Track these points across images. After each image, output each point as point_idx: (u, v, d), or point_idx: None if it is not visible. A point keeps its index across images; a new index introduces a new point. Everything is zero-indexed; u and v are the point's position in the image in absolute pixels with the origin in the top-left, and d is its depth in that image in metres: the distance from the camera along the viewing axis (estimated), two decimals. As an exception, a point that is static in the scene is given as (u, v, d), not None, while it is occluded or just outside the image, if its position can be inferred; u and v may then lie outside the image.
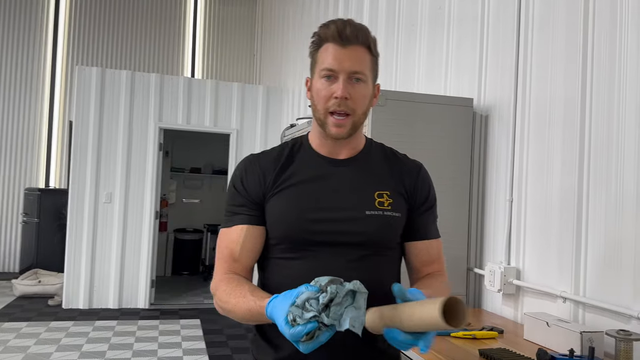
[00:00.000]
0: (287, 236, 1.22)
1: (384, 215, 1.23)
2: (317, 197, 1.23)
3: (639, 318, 1.59)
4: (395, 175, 1.28)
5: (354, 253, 1.21)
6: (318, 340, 0.93)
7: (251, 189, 1.24)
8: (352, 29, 1.18)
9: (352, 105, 1.17)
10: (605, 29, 1.83)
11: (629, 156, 1.70)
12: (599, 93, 1.84)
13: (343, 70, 1.16)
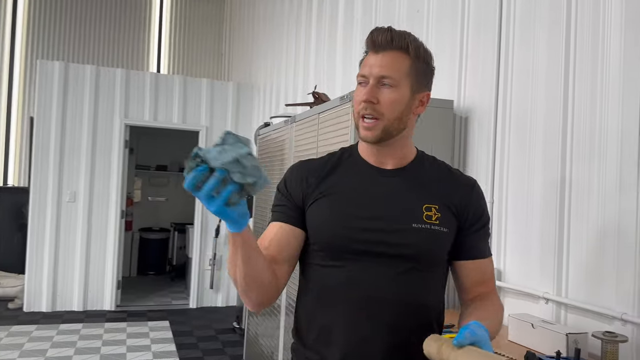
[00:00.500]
0: (329, 243, 1.22)
1: (431, 229, 1.20)
2: (362, 205, 1.23)
3: (622, 319, 1.62)
4: (445, 190, 1.25)
5: (397, 266, 1.20)
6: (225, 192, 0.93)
7: (293, 191, 1.27)
8: (387, 35, 1.19)
9: (379, 109, 1.18)
10: (587, 32, 1.86)
11: (611, 159, 1.73)
12: (580, 96, 1.87)
13: (372, 75, 1.19)
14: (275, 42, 5.73)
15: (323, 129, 2.58)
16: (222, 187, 0.92)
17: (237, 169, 0.91)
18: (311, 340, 1.26)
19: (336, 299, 1.22)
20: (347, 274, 1.21)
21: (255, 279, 1.12)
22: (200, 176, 0.92)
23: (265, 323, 3.52)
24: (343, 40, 3.93)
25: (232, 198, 0.93)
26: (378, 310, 1.18)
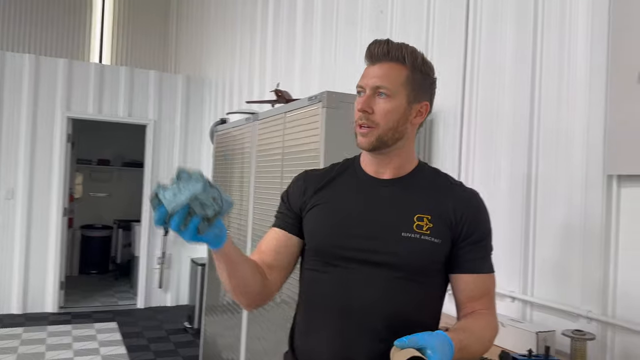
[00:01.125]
0: (318, 248, 1.26)
1: (421, 239, 1.20)
2: (353, 212, 1.25)
3: (588, 317, 1.71)
4: (441, 201, 1.25)
5: (384, 274, 1.20)
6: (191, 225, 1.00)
7: (292, 200, 1.33)
8: (383, 47, 1.22)
9: (374, 118, 1.21)
10: (554, 30, 1.93)
11: (577, 161, 1.81)
12: (547, 93, 1.94)
13: (368, 85, 1.22)
14: (228, 36, 5.61)
15: (290, 128, 2.56)
16: (188, 221, 0.99)
17: (196, 205, 0.98)
18: (300, 346, 1.29)
19: (323, 305, 1.24)
20: (334, 280, 1.23)
21: (243, 287, 1.18)
22: (163, 216, 0.99)
23: (224, 322, 3.47)
24: (302, 39, 3.90)
25: (200, 228, 1.00)
26: (362, 317, 1.20)
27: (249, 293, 1.21)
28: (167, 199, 0.98)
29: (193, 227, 0.99)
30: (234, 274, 1.16)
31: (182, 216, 0.98)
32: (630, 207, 1.63)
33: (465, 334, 1.13)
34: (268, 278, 1.24)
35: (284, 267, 1.29)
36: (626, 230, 1.64)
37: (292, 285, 2.41)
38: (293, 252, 1.31)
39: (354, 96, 2.27)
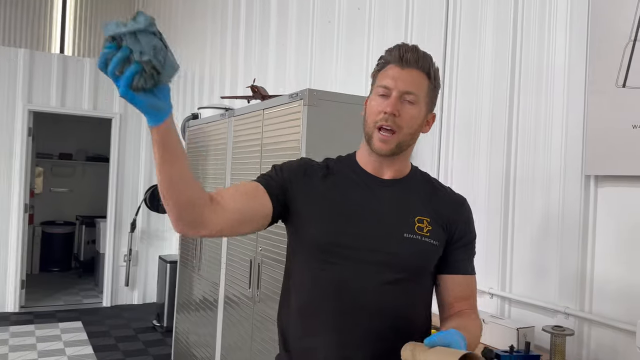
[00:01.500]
0: (319, 244, 1.22)
1: (422, 240, 1.23)
2: (355, 210, 1.24)
3: (566, 313, 1.77)
4: (437, 205, 1.29)
5: (385, 274, 1.21)
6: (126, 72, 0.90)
7: (288, 174, 1.27)
8: (414, 54, 1.23)
9: (399, 122, 1.21)
10: (534, 29, 1.98)
11: (555, 162, 1.86)
12: (526, 91, 1.99)
13: (396, 88, 1.21)
14: (197, 29, 5.52)
15: (269, 125, 2.54)
16: (125, 67, 0.90)
17: (135, 48, 0.89)
18: (298, 346, 1.26)
19: (323, 304, 1.22)
20: (335, 279, 1.21)
21: (175, 189, 1.05)
22: (108, 54, 0.90)
23: (197, 319, 3.42)
24: (276, 34, 3.87)
25: (135, 80, 0.91)
26: (363, 317, 1.20)
27: (180, 201, 1.07)
28: (108, 27, 0.90)
29: (128, 75, 0.89)
30: (168, 166, 1.03)
31: (121, 57, 0.89)
32: (607, 206, 1.69)
33: (466, 333, 1.15)
34: (215, 205, 1.14)
35: (239, 214, 1.18)
36: (602, 228, 1.70)
37: (269, 283, 2.40)
38: (257, 211, 1.21)
39: (335, 94, 2.31)
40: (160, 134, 1.00)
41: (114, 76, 0.91)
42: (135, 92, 0.92)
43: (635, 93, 1.58)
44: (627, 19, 1.61)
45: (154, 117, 0.98)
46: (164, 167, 1.03)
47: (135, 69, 0.90)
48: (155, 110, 0.97)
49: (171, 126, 1.01)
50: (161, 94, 0.96)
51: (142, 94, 0.93)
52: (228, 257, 2.96)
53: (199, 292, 3.39)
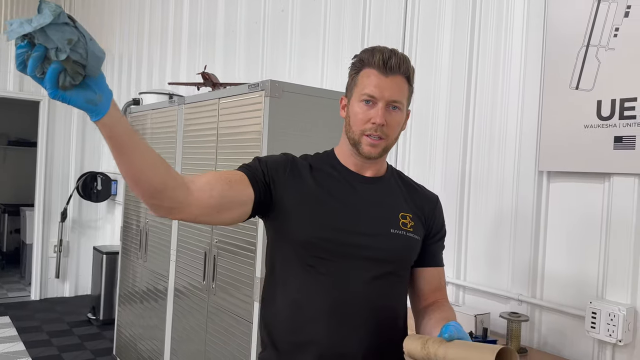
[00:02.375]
0: (311, 243, 1.22)
1: (407, 236, 1.27)
2: (344, 208, 1.25)
3: (519, 300, 1.88)
4: (416, 202, 1.34)
5: (373, 269, 1.23)
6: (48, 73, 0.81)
7: (271, 168, 1.25)
8: (397, 60, 1.22)
9: (387, 131, 1.23)
10: (490, 36, 2.07)
11: (509, 159, 1.96)
12: (482, 92, 2.08)
13: (383, 98, 1.22)
14: (134, 7, 5.27)
15: (226, 115, 2.49)
16: (45, 66, 0.81)
17: (51, 45, 0.79)
18: (285, 346, 1.26)
19: (314, 301, 1.23)
20: (325, 275, 1.22)
21: (140, 176, 0.99)
22: (22, 54, 0.80)
23: (143, 311, 3.33)
24: (225, 20, 3.79)
25: (60, 79, 0.82)
26: (356, 312, 1.22)
27: (151, 188, 1.01)
28: (11, 28, 0.78)
29: (51, 76, 0.80)
30: (127, 158, 0.96)
31: (37, 57, 0.79)
32: (558, 200, 1.81)
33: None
34: (191, 189, 1.09)
35: (216, 200, 1.14)
36: (553, 221, 1.83)
37: (226, 275, 2.37)
38: (237, 200, 1.18)
39: (298, 86, 2.31)
40: (107, 127, 0.91)
41: (36, 78, 0.82)
42: (64, 91, 0.83)
43: (587, 95, 1.70)
44: (581, 26, 1.73)
45: (94, 112, 0.88)
46: (122, 160, 0.96)
47: (56, 69, 0.81)
48: (93, 105, 0.87)
49: (116, 116, 0.91)
50: (95, 85, 0.86)
51: (73, 91, 0.84)
52: (179, 248, 2.90)
53: (145, 283, 3.30)
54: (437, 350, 1.04)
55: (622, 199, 1.63)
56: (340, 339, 1.22)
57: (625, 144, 1.60)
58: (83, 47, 0.81)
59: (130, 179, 1.00)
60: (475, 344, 1.00)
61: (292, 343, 1.25)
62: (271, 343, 1.29)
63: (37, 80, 0.83)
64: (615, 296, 1.63)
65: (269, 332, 1.30)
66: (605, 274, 1.66)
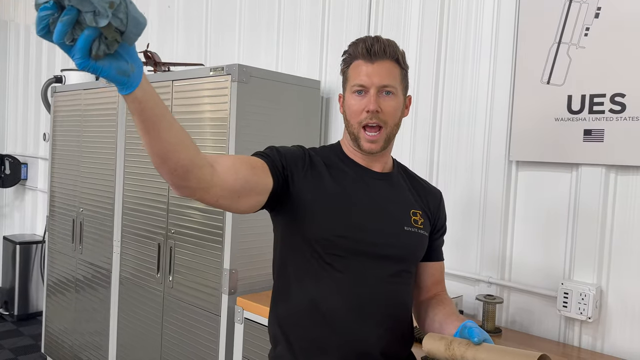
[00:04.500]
0: (327, 237, 1.19)
1: (419, 233, 1.28)
2: (360, 203, 1.24)
3: (489, 282, 1.99)
4: (423, 198, 1.35)
5: (389, 267, 1.23)
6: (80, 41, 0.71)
7: (290, 160, 1.22)
8: (380, 45, 1.21)
9: (383, 117, 1.21)
10: (461, 24, 2.12)
11: (478, 149, 2.05)
12: (451, 78, 2.14)
13: (373, 85, 1.20)
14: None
15: (183, 99, 2.36)
16: (77, 32, 0.71)
17: (88, 7, 0.68)
18: (303, 344, 1.24)
19: (331, 298, 1.21)
20: (344, 275, 1.21)
21: (171, 154, 0.91)
22: (47, 18, 0.69)
23: (78, 302, 3.11)
24: None
25: (94, 48, 0.72)
26: (374, 311, 1.22)
27: (179, 167, 0.93)
28: None
29: (83, 44, 0.70)
30: (156, 134, 0.87)
31: (68, 22, 0.68)
32: (526, 188, 1.93)
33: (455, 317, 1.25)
34: (216, 170, 1.02)
35: (240, 184, 1.08)
36: (522, 208, 1.94)
37: (183, 267, 2.27)
38: (257, 187, 1.13)
39: (265, 71, 2.23)
40: (138, 101, 0.82)
41: (64, 46, 0.71)
42: (96, 60, 0.73)
43: (558, 90, 1.81)
44: (553, 23, 1.82)
45: (127, 84, 0.79)
46: (151, 137, 0.87)
47: (90, 36, 0.70)
48: (126, 77, 0.78)
49: (148, 89, 0.83)
50: (127, 54, 0.77)
51: (105, 60, 0.74)
52: (124, 239, 2.72)
53: (81, 276, 3.08)
54: (465, 352, 1.04)
55: (589, 187, 1.76)
56: (361, 336, 1.21)
57: (595, 137, 1.73)
58: (124, 11, 0.71)
59: (158, 157, 0.91)
60: (506, 349, 1.01)
61: (310, 340, 1.23)
62: (285, 340, 1.26)
63: (63, 48, 0.71)
64: (583, 277, 1.77)
65: (282, 329, 1.27)
66: (573, 257, 1.80)
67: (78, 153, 3.11)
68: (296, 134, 2.36)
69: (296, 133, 2.36)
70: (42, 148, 4.74)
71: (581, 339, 1.78)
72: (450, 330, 1.18)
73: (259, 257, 2.23)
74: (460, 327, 1.10)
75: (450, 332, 1.17)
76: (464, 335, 1.08)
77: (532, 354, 0.96)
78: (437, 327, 1.25)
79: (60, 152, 3.29)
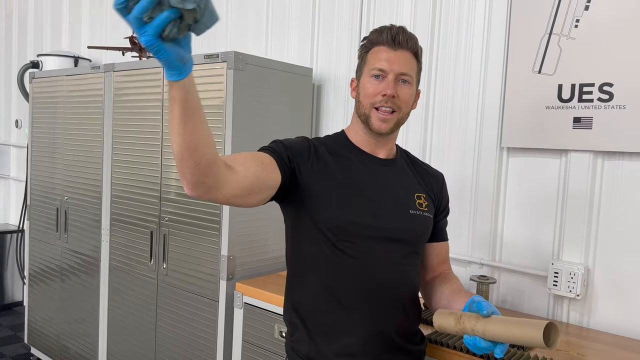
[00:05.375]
0: (339, 226, 1.24)
1: (424, 215, 1.34)
2: (367, 190, 1.29)
3: (481, 263, 2.08)
4: (426, 181, 1.41)
5: (399, 250, 1.29)
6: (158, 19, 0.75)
7: (296, 153, 1.25)
8: (404, 36, 1.28)
9: (398, 103, 1.27)
10: (454, 13, 2.18)
11: (470, 135, 2.12)
12: (444, 64, 2.20)
13: (392, 71, 1.26)
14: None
15: (176, 86, 2.35)
16: (155, 11, 0.74)
17: None
18: (321, 329, 1.28)
19: (346, 284, 1.26)
20: (359, 259, 1.26)
21: (197, 149, 0.94)
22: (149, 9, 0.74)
23: (65, 294, 3.08)
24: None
25: (167, 29, 0.76)
26: (388, 292, 1.28)
27: (202, 163, 0.96)
28: None
29: (160, 22, 0.74)
30: (191, 125, 0.90)
31: (151, 1, 0.73)
32: (517, 173, 2.01)
33: (464, 293, 1.32)
34: (229, 168, 1.06)
35: (250, 181, 1.11)
36: (512, 192, 2.02)
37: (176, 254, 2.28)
38: (267, 183, 1.17)
39: (261, 59, 2.25)
40: (184, 89, 0.86)
41: (137, 21, 0.74)
42: (164, 42, 0.77)
43: (549, 79, 1.89)
44: (544, 14, 1.89)
45: (179, 71, 0.82)
46: (186, 127, 0.90)
47: (169, 17, 0.74)
48: (182, 64, 0.82)
49: (193, 79, 0.88)
50: (186, 44, 0.82)
51: (171, 43, 0.78)
52: (113, 228, 2.71)
53: (66, 266, 3.04)
54: (475, 325, 1.10)
55: (578, 172, 1.86)
56: (376, 317, 1.27)
57: (583, 124, 1.82)
58: (205, 1, 0.75)
59: (187, 149, 0.93)
60: (515, 319, 1.07)
61: (327, 324, 1.28)
62: (303, 325, 1.31)
63: (135, 23, 0.74)
64: (571, 257, 1.88)
65: (299, 315, 1.32)
66: (562, 238, 1.90)
67: (60, 140, 3.06)
68: (290, 120, 2.38)
69: (289, 120, 2.39)
70: (15, 135, 4.61)
71: (569, 316, 1.89)
72: (458, 305, 1.25)
73: (256, 243, 2.26)
74: (469, 301, 1.17)
75: (459, 307, 1.24)
76: (472, 309, 1.14)
77: (540, 323, 1.02)
78: (445, 304, 1.32)
79: (40, 139, 3.22)
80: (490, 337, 1.08)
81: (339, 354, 1.26)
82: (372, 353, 1.27)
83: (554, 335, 1.05)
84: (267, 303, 1.99)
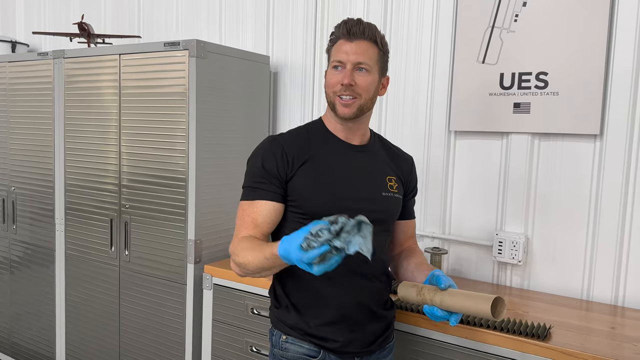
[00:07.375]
0: (317, 211, 1.32)
1: (394, 197, 1.47)
2: (342, 176, 1.40)
3: (432, 237, 2.27)
4: (396, 164, 1.53)
5: (375, 229, 1.38)
6: (329, 262, 1.04)
7: (272, 168, 1.37)
8: (359, 26, 1.36)
9: (357, 90, 1.37)
10: (404, 1, 2.33)
11: (421, 121, 2.29)
12: (397, 50, 2.35)
13: (349, 61, 1.36)
14: None
15: (132, 74, 2.35)
16: (328, 257, 1.04)
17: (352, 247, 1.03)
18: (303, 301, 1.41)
19: None
20: None
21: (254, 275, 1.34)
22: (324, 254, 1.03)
23: (15, 285, 3.00)
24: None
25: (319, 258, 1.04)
26: (365, 269, 1.41)
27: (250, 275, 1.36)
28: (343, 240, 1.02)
29: (334, 263, 1.04)
30: (270, 272, 1.33)
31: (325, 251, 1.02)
32: (463, 155, 2.21)
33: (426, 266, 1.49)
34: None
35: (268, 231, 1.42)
36: (459, 171, 2.22)
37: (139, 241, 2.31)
38: (280, 218, 1.41)
39: (221, 47, 2.31)
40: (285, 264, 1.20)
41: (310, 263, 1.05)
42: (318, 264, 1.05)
43: (492, 68, 2.09)
44: (487, 9, 2.08)
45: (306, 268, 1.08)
46: (267, 273, 1.32)
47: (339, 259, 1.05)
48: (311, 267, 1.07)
49: None
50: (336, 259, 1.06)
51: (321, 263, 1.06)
52: (68, 217, 2.68)
53: (16, 257, 2.97)
54: (434, 297, 1.25)
55: (517, 152, 2.08)
56: (355, 289, 1.41)
57: (522, 109, 2.04)
58: (367, 246, 1.03)
59: (257, 275, 1.32)
60: (467, 293, 1.22)
61: (311, 299, 1.41)
62: (288, 300, 1.43)
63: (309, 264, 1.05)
64: (513, 228, 2.10)
65: (285, 289, 1.44)
66: (505, 211, 2.12)
67: (4, 129, 2.96)
68: (248, 108, 2.46)
69: (248, 107, 2.46)
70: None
71: (512, 280, 2.12)
72: (421, 278, 1.42)
73: (221, 227, 2.33)
74: (430, 275, 1.34)
75: (421, 279, 1.41)
76: (432, 282, 1.31)
77: (488, 297, 1.18)
78: (410, 276, 1.48)
79: (-20, 128, 3.10)
80: (446, 308, 1.23)
81: (321, 324, 1.39)
82: (351, 320, 1.41)
83: (501, 307, 1.21)
84: (238, 283, 2.08)
